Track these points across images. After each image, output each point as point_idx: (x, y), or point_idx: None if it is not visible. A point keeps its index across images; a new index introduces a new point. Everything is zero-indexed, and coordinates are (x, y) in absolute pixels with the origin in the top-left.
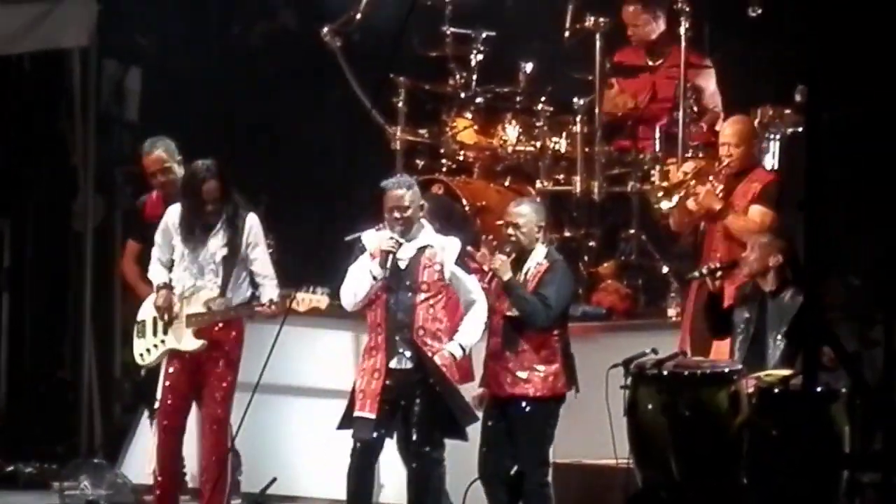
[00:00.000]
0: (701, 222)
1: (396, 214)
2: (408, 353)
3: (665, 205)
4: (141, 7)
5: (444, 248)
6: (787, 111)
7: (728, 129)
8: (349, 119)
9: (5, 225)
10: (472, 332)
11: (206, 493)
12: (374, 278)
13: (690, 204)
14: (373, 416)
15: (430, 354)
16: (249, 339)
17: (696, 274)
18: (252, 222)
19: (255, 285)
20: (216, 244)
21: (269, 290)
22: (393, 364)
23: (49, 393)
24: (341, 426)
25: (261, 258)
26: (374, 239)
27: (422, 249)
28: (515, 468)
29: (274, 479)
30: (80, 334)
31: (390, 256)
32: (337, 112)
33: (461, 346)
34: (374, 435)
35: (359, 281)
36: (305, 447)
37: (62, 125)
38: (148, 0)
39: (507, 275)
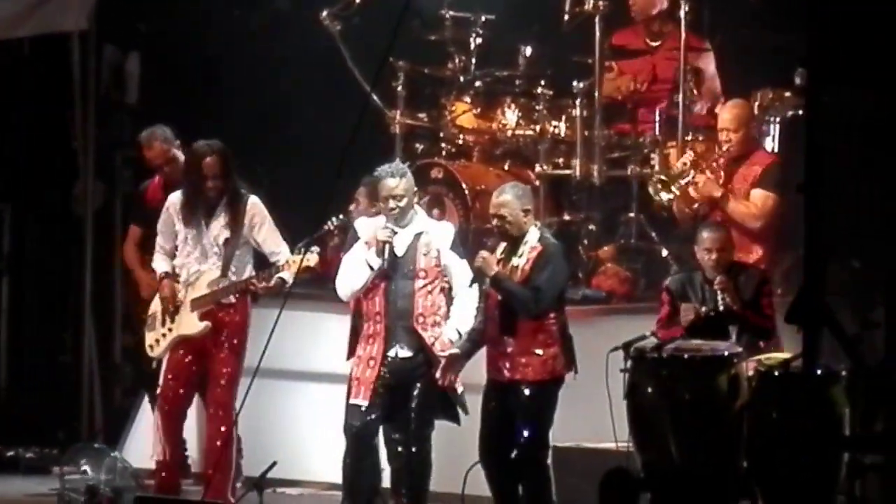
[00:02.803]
0: (702, 209)
1: (391, 204)
2: (408, 342)
3: (665, 196)
4: None
5: (439, 233)
6: (787, 94)
7: (725, 115)
8: (348, 103)
9: (6, 209)
10: (466, 315)
11: (209, 477)
12: (371, 268)
13: (692, 192)
14: (365, 403)
15: (431, 341)
16: (252, 323)
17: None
18: (254, 203)
19: (265, 265)
20: (218, 226)
21: (285, 257)
22: (391, 353)
23: (49, 377)
24: None
25: (269, 237)
26: (369, 227)
27: (418, 236)
28: (515, 451)
29: (274, 463)
30: (80, 319)
31: (387, 246)
32: (336, 96)
33: (458, 331)
34: (367, 420)
35: (356, 271)
36: (306, 431)
37: (62, 110)
38: None
39: (491, 271)
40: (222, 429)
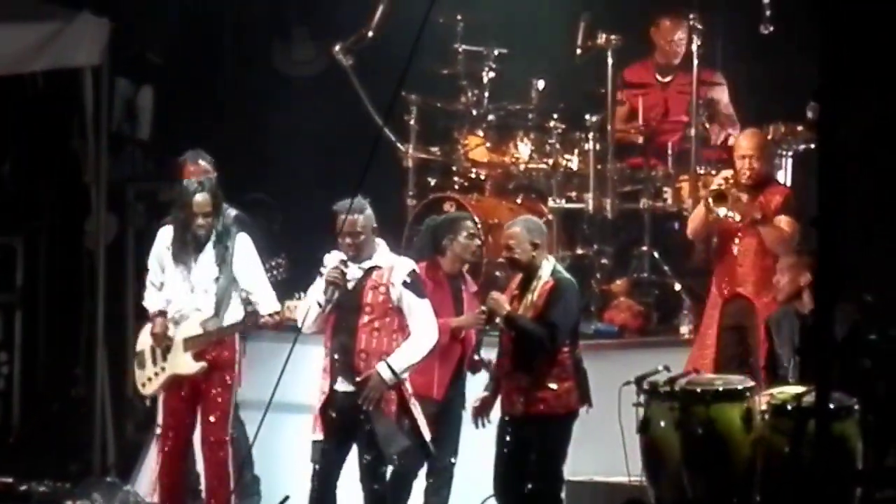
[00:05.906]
0: (713, 236)
1: (349, 240)
2: (350, 377)
3: (722, 211)
4: (153, 25)
5: (394, 268)
6: (800, 128)
7: (744, 142)
8: (360, 137)
9: (18, 243)
10: (406, 355)
11: None
12: (319, 305)
13: (722, 212)
14: (320, 437)
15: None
16: (259, 357)
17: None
18: (242, 240)
19: (247, 303)
20: (207, 263)
21: (267, 305)
22: (336, 387)
23: (62, 411)
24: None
25: (252, 276)
26: (330, 262)
27: (369, 271)
28: (529, 485)
29: (287, 498)
30: (92, 353)
31: (331, 287)
32: (348, 130)
33: (389, 366)
34: (323, 453)
35: (309, 306)
36: None
37: (74, 143)
38: (160, 18)
39: (503, 311)
40: (219, 465)
